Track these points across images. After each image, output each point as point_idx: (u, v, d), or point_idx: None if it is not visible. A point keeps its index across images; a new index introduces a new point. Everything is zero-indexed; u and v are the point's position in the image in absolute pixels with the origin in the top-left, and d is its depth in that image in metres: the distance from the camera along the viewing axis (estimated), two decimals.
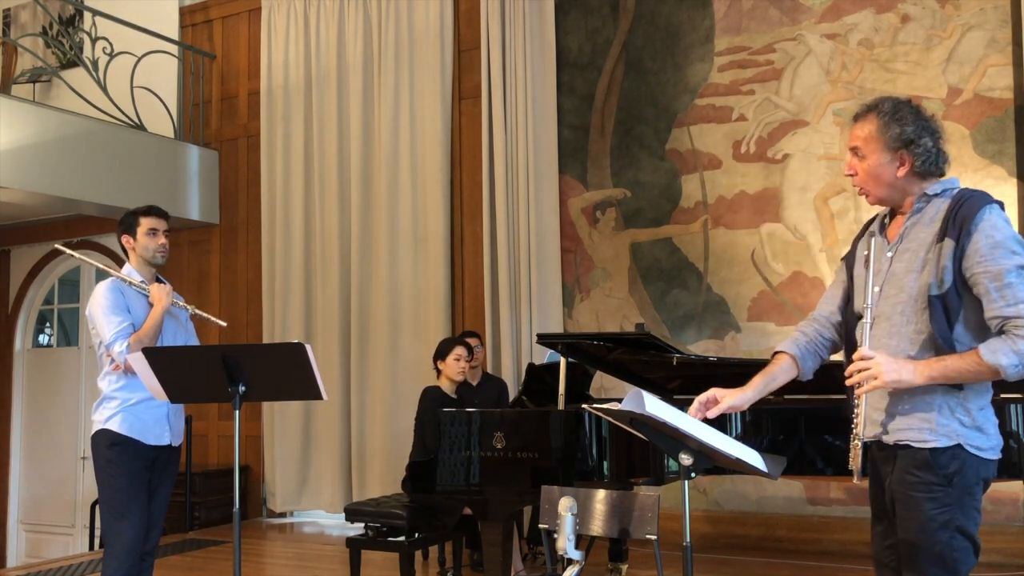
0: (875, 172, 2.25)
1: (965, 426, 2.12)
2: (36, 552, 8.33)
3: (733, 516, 5.72)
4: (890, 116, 2.23)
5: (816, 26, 5.75)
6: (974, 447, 2.12)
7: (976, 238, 2.11)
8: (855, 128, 2.29)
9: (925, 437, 2.13)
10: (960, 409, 2.13)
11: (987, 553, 4.98)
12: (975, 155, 5.31)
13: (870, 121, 2.25)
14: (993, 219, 2.12)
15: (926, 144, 2.22)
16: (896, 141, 2.22)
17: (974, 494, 2.13)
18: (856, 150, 2.27)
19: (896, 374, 2.08)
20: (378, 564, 4.94)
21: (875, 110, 2.26)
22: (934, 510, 2.10)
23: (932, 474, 2.11)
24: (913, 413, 2.15)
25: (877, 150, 2.24)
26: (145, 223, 3.55)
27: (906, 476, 2.15)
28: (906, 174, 2.24)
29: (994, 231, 2.11)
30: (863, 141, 2.25)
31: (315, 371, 2.98)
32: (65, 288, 8.76)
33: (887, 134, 2.22)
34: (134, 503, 3.40)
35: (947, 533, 2.10)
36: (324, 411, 6.98)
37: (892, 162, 2.23)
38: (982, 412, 2.15)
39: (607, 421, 3.61)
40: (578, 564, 2.73)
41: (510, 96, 6.46)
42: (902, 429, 2.16)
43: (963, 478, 2.11)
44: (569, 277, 6.35)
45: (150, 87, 7.36)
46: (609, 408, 2.29)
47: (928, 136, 2.23)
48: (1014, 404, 3.59)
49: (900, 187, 2.25)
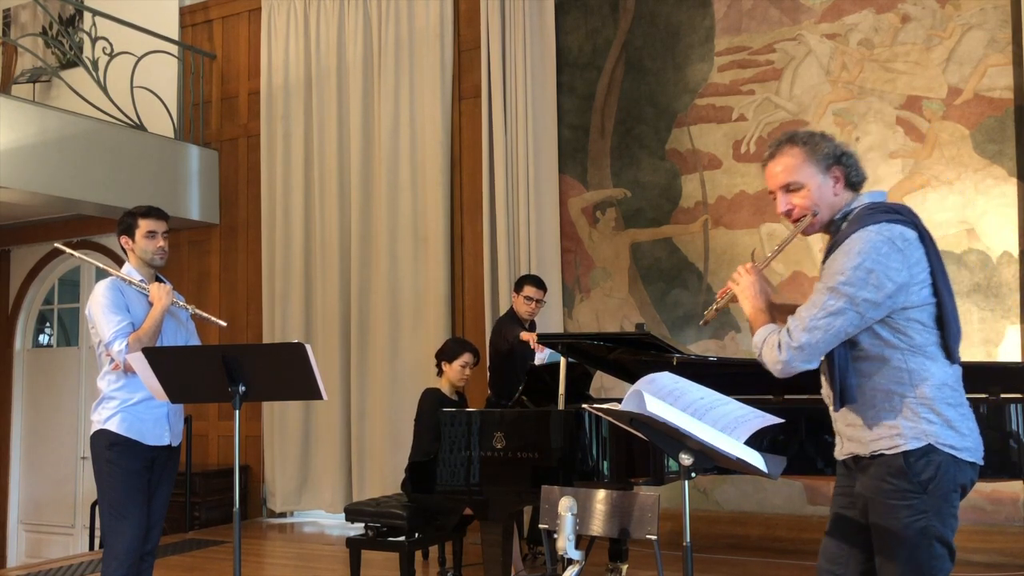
0: (819, 195, 2.26)
1: (933, 424, 2.11)
2: (36, 552, 8.33)
3: (733, 516, 5.72)
4: (809, 140, 2.27)
5: (816, 26, 5.75)
6: (947, 446, 2.10)
7: (833, 256, 2.18)
8: (773, 167, 2.30)
9: (897, 443, 2.12)
10: (924, 409, 2.12)
11: (987, 553, 5.01)
12: (975, 155, 5.31)
13: (791, 153, 2.27)
14: (856, 241, 2.14)
15: (849, 155, 2.28)
16: (829, 158, 2.25)
17: (951, 500, 2.12)
18: (788, 185, 2.27)
19: (744, 292, 2.32)
20: (378, 564, 4.94)
21: (791, 141, 2.29)
22: (910, 517, 2.09)
23: (906, 481, 2.10)
24: (880, 422, 2.16)
25: (814, 174, 2.25)
26: (144, 225, 3.53)
27: (881, 484, 2.14)
28: (841, 189, 2.27)
29: (848, 252, 2.13)
30: (793, 172, 2.26)
31: (315, 371, 2.98)
32: (65, 288, 8.76)
33: (817, 154, 2.25)
34: (134, 503, 3.40)
35: (924, 541, 2.08)
36: (324, 411, 6.98)
37: (827, 180, 2.26)
38: (952, 409, 2.14)
39: (607, 421, 3.61)
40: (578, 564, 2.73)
41: (510, 96, 6.46)
42: (874, 439, 2.17)
43: (939, 485, 2.09)
44: (569, 277, 6.35)
45: (150, 87, 7.36)
46: (609, 408, 2.30)
47: (844, 148, 2.29)
48: (1014, 404, 3.59)
49: (838, 204, 2.27)
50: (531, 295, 5.39)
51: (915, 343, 2.14)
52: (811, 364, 2.16)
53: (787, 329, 2.17)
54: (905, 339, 2.14)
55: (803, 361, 2.15)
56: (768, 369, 2.22)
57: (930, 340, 2.15)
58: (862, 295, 2.09)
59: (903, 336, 2.14)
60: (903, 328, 2.14)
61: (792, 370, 2.17)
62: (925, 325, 2.14)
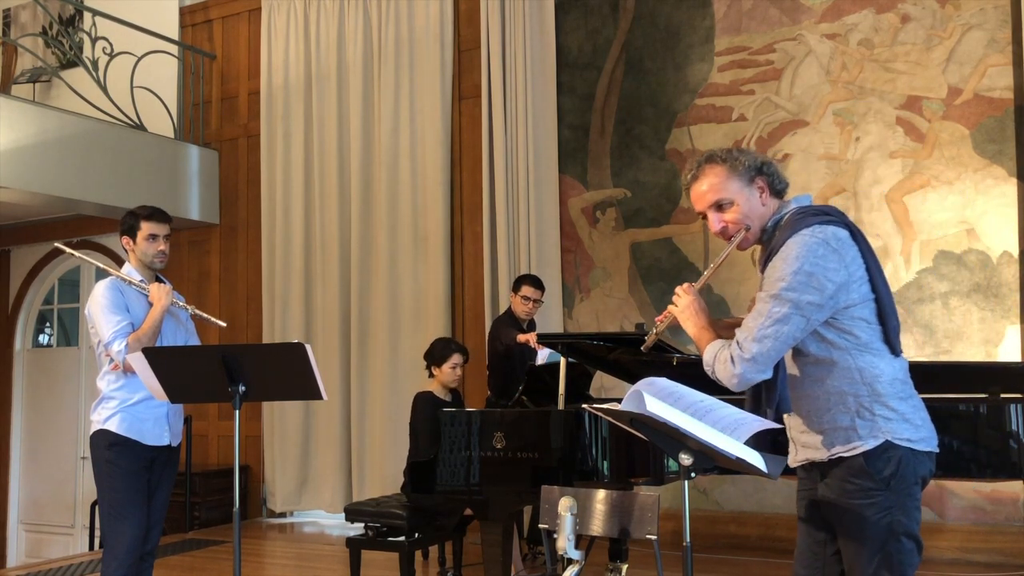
0: (748, 208, 2.27)
1: (889, 420, 2.13)
2: (36, 552, 8.33)
3: (733, 516, 5.72)
4: (728, 156, 2.29)
5: (816, 26, 5.75)
6: (904, 439, 2.12)
7: (772, 264, 2.18)
8: (697, 187, 2.31)
9: (854, 443, 2.14)
10: (878, 406, 2.14)
11: (987, 553, 5.01)
12: (975, 155, 5.31)
13: (714, 172, 2.28)
14: (792, 246, 2.14)
15: (768, 163, 2.30)
16: (751, 170, 2.27)
17: (913, 494, 2.14)
18: (718, 203, 2.28)
19: (684, 312, 2.36)
20: (378, 564, 4.94)
21: (711, 160, 2.30)
22: (875, 515, 2.11)
23: (869, 479, 2.12)
24: (836, 424, 2.17)
25: (740, 188, 2.27)
26: (146, 228, 3.52)
27: (844, 485, 2.15)
28: (768, 198, 2.29)
29: (787, 257, 2.14)
30: (720, 190, 2.27)
31: (315, 371, 2.98)
32: (65, 288, 8.76)
33: (739, 168, 2.27)
34: (133, 503, 3.40)
35: (892, 537, 2.11)
36: (324, 411, 6.98)
37: (753, 192, 2.27)
38: (904, 402, 2.16)
39: (607, 421, 3.61)
40: (578, 564, 2.73)
41: (510, 96, 6.46)
42: (831, 444, 2.18)
43: (901, 479, 2.11)
44: (569, 277, 6.35)
45: (150, 87, 7.36)
46: (609, 408, 2.29)
47: (763, 158, 2.31)
48: (1014, 404, 3.59)
49: (767, 214, 2.29)
50: (528, 295, 5.39)
51: (861, 341, 2.16)
52: (765, 374, 2.17)
53: (736, 342, 2.18)
54: (851, 338, 2.16)
55: (757, 372, 2.15)
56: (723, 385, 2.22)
57: (874, 336, 2.17)
58: (805, 298, 2.11)
59: (849, 336, 2.16)
60: (848, 328, 2.16)
61: (748, 382, 2.18)
62: (868, 322, 2.17)
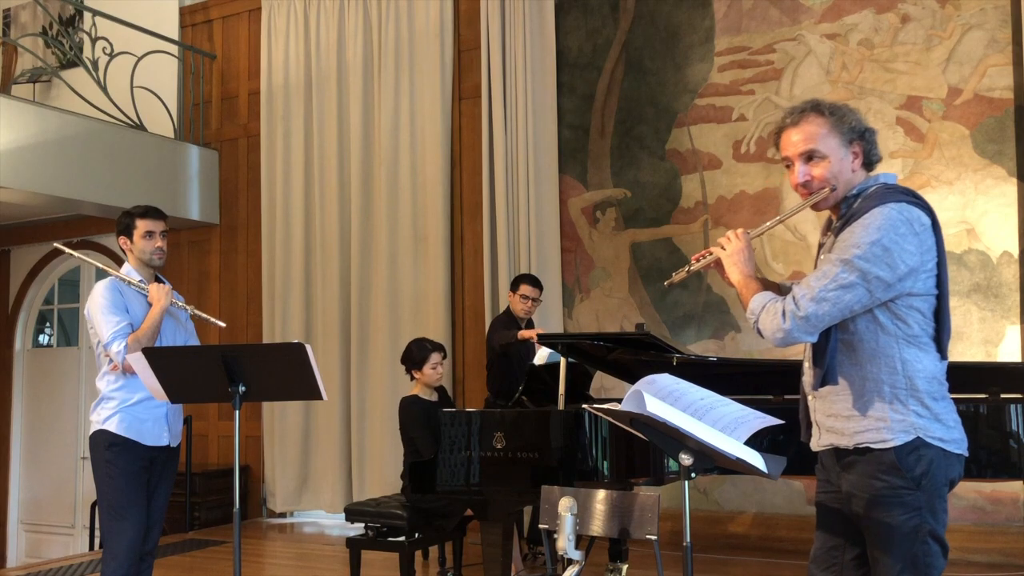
0: (839, 169, 2.16)
1: (922, 417, 2.07)
2: (36, 552, 8.33)
3: (733, 516, 5.72)
4: (836, 110, 2.18)
5: (816, 26, 5.75)
6: (936, 439, 2.06)
7: (850, 229, 2.09)
8: (792, 133, 2.19)
9: (884, 436, 2.07)
10: (913, 400, 2.07)
11: (987, 553, 5.01)
12: (975, 155, 5.31)
13: (816, 122, 2.16)
14: (876, 216, 2.06)
15: (871, 131, 2.19)
16: (852, 132, 2.16)
17: (942, 495, 2.08)
18: (812, 152, 2.16)
19: (732, 258, 2.23)
20: (378, 564, 4.94)
21: (816, 110, 2.18)
22: (904, 515, 2.05)
23: (900, 478, 2.05)
24: (867, 413, 2.10)
25: (837, 146, 2.16)
26: (142, 226, 3.52)
27: (872, 481, 2.08)
28: (859, 166, 2.19)
29: (868, 226, 2.05)
30: (818, 140, 2.15)
31: (315, 371, 2.98)
32: (65, 288, 8.76)
33: (843, 126, 2.16)
34: (133, 503, 3.40)
35: (920, 539, 2.05)
36: (324, 411, 6.98)
37: (848, 155, 2.17)
38: (938, 403, 2.10)
39: (607, 421, 3.61)
40: (578, 564, 2.73)
41: (510, 96, 6.46)
42: (859, 431, 2.11)
43: (931, 480, 2.05)
44: (569, 277, 6.35)
45: (150, 87, 7.36)
46: (609, 408, 2.29)
47: (867, 124, 2.20)
48: (1014, 404, 3.59)
49: (853, 182, 2.19)
50: (527, 294, 5.40)
51: (911, 332, 2.09)
52: (811, 337, 2.09)
53: (792, 297, 2.08)
54: (903, 327, 2.09)
55: (805, 332, 2.07)
56: (763, 337, 2.13)
57: (926, 331, 2.11)
58: (875, 271, 2.03)
59: (901, 324, 2.09)
60: (903, 315, 2.09)
61: (793, 340, 2.09)
62: (924, 315, 2.10)
